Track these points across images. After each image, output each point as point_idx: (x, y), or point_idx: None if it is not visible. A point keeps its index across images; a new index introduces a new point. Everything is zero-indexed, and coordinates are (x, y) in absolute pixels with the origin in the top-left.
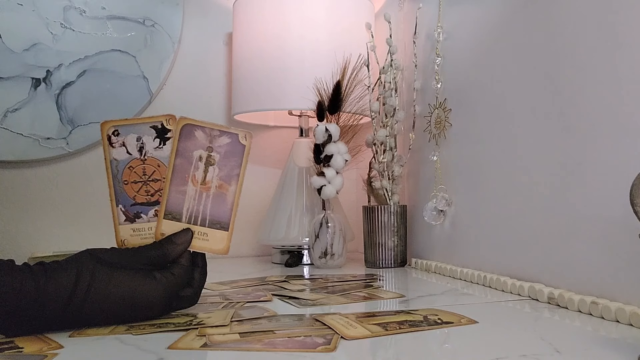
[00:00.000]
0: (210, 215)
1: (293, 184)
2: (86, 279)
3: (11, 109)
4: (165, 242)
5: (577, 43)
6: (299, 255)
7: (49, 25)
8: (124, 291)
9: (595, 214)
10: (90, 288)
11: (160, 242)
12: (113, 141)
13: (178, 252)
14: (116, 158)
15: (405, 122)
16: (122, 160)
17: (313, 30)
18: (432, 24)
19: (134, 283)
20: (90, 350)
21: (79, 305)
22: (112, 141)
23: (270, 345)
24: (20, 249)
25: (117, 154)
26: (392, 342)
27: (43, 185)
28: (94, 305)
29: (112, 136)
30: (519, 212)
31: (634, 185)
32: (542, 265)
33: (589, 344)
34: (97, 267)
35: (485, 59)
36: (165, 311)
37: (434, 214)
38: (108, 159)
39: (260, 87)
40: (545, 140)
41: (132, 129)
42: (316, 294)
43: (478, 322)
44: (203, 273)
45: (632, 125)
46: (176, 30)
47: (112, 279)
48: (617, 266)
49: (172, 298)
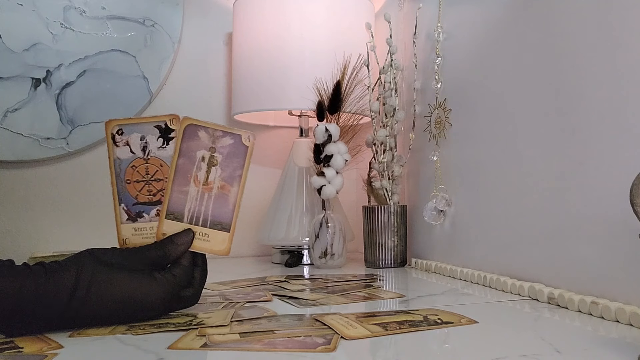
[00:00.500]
0: (212, 216)
1: (293, 184)
2: (86, 279)
3: (11, 109)
4: (166, 243)
5: (577, 43)
6: (299, 255)
7: (49, 25)
8: (124, 292)
9: (595, 214)
10: (90, 288)
11: (161, 242)
12: (117, 140)
13: (179, 252)
14: (119, 157)
15: (405, 122)
16: (125, 159)
17: (313, 30)
18: (432, 24)
19: (134, 284)
20: (90, 350)
21: (79, 305)
22: (116, 140)
23: (270, 345)
24: (20, 249)
25: (120, 153)
26: (392, 342)
27: (43, 185)
28: (94, 305)
29: (117, 135)
30: (519, 212)
31: (634, 185)
32: (542, 265)
33: (589, 344)
34: (97, 268)
35: (485, 59)
36: (165, 311)
37: (434, 214)
38: (112, 157)
39: (260, 87)
40: (545, 140)
41: (136, 128)
42: (316, 294)
43: (478, 322)
44: (203, 273)
45: (632, 126)
46: (176, 30)
47: (112, 280)
48: (617, 266)
49: (172, 298)
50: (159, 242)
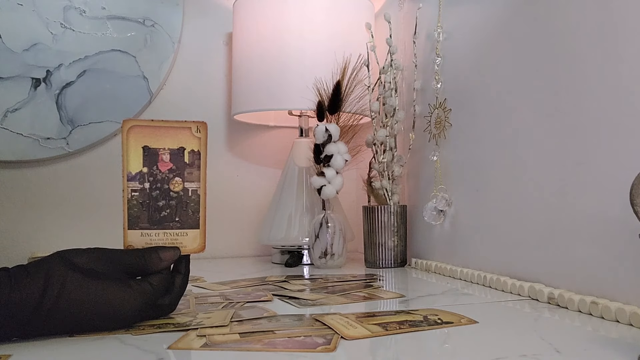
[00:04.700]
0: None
1: (293, 184)
2: (55, 288)
3: (11, 109)
4: (149, 253)
5: (577, 43)
6: (299, 255)
7: (49, 25)
8: (97, 301)
9: (595, 214)
10: (59, 298)
11: (144, 251)
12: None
13: (160, 267)
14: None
15: (405, 122)
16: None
17: (313, 30)
18: (432, 24)
19: (108, 294)
20: (90, 350)
21: (47, 313)
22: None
23: (270, 345)
24: (20, 249)
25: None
26: (392, 342)
27: (43, 185)
28: (64, 313)
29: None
30: (519, 212)
31: (634, 185)
32: (542, 265)
33: (589, 344)
34: (68, 274)
35: (485, 59)
36: (140, 321)
37: (434, 214)
38: (126, 157)
39: (260, 87)
40: (545, 140)
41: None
42: (316, 294)
43: (478, 322)
44: (185, 280)
45: (632, 125)
46: (176, 30)
47: (84, 288)
48: (617, 266)
49: (149, 308)
50: (141, 250)
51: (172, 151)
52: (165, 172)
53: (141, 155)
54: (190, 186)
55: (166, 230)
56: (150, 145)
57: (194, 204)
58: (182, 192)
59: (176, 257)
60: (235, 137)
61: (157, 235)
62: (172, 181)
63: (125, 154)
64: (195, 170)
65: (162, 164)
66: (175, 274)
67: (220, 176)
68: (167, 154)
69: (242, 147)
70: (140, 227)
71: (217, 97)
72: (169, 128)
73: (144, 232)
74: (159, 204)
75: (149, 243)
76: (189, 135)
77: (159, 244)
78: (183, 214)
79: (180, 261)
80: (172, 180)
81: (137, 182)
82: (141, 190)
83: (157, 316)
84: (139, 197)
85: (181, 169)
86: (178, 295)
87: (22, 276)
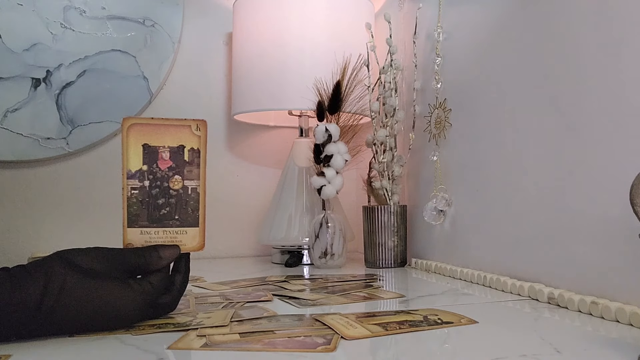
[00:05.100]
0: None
1: (293, 184)
2: (55, 288)
3: (11, 109)
4: (149, 251)
5: (577, 43)
6: (299, 255)
7: (49, 25)
8: (97, 301)
9: (595, 214)
10: (59, 298)
11: (144, 250)
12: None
13: (160, 266)
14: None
15: (405, 122)
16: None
17: (313, 30)
18: (432, 24)
19: (109, 294)
20: (90, 350)
21: (47, 316)
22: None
23: (270, 345)
24: (20, 249)
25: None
26: (392, 342)
27: (43, 185)
28: (64, 313)
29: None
30: (519, 212)
31: (634, 185)
32: (542, 265)
33: (589, 344)
34: (68, 274)
35: (485, 59)
36: (141, 321)
37: (434, 214)
38: (125, 155)
39: (260, 87)
40: (545, 140)
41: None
42: (316, 294)
43: (478, 322)
44: (185, 278)
45: (632, 125)
46: (176, 30)
47: (84, 288)
48: (617, 266)
49: (149, 307)
50: (141, 249)
51: (171, 149)
52: (165, 170)
53: (141, 153)
54: (190, 184)
55: (166, 229)
56: (150, 143)
57: (193, 202)
58: (181, 190)
59: (176, 255)
60: (235, 137)
61: (157, 233)
62: (172, 179)
63: (125, 152)
64: (195, 168)
65: (162, 161)
66: (175, 273)
67: (220, 176)
68: (167, 151)
69: (242, 147)
70: (140, 225)
71: (217, 97)
72: (169, 126)
73: (144, 230)
74: (158, 202)
75: (148, 241)
76: (189, 133)
77: (158, 242)
78: (182, 212)
79: (180, 260)
80: (171, 178)
81: (136, 180)
82: (141, 188)
83: (157, 315)
84: (139, 195)
85: (181, 167)
86: (178, 294)
87: (23, 276)
